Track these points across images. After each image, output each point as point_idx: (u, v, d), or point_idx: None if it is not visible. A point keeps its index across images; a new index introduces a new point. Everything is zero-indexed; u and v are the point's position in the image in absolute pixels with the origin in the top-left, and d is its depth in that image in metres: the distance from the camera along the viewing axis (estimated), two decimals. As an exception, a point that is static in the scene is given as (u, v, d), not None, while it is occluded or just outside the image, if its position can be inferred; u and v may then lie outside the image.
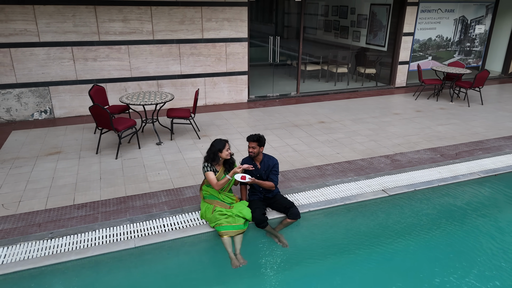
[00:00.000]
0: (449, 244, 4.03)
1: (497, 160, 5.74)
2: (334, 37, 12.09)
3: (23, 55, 7.10)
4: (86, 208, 4.46)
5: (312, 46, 12.63)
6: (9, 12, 6.79)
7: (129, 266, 3.67)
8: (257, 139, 4.12)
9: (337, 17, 11.88)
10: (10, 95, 7.25)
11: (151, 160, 5.75)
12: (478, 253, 3.89)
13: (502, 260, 3.77)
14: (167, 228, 4.09)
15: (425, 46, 10.42)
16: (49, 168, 5.45)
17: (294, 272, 3.68)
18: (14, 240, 3.83)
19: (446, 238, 4.15)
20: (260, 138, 4.15)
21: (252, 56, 8.99)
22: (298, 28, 9.23)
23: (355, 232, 4.22)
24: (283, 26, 12.26)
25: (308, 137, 6.78)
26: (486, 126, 7.39)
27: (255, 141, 4.12)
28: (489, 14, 10.83)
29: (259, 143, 4.14)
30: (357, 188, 4.92)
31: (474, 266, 3.68)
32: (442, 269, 3.64)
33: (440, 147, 6.34)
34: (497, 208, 4.79)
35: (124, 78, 7.86)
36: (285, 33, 11.97)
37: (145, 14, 7.59)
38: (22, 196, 4.72)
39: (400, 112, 8.24)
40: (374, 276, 3.60)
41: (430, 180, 5.10)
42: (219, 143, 4.02)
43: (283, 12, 12.32)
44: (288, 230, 4.18)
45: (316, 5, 12.55)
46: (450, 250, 3.94)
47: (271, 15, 12.47)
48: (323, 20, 12.47)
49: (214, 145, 4.04)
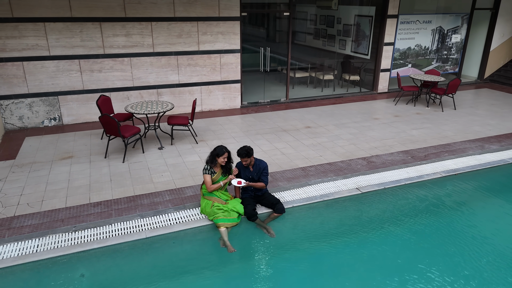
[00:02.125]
0: (410, 232, 4.81)
1: (459, 161, 6.54)
2: (322, 44, 12.86)
3: (34, 67, 7.78)
4: (101, 206, 5.17)
5: (301, 53, 13.39)
6: (22, 29, 7.46)
7: (141, 253, 4.39)
8: (246, 153, 4.83)
9: (325, 26, 12.65)
10: (23, 104, 7.92)
11: (155, 163, 6.47)
12: (434, 239, 4.67)
13: (452, 245, 4.55)
14: (172, 221, 4.82)
15: (405, 54, 11.23)
16: (64, 171, 6.15)
17: (280, 257, 4.43)
18: (43, 233, 4.53)
19: (408, 228, 4.92)
20: (248, 152, 4.86)
21: (245, 63, 9.70)
22: (287, 38, 9.97)
23: (332, 224, 4.99)
24: (273, 36, 12.97)
25: (295, 141, 7.53)
26: (455, 130, 8.20)
27: (244, 155, 4.84)
28: (465, 24, 11.67)
29: (248, 156, 4.86)
30: (335, 186, 5.68)
31: (432, 251, 4.46)
32: (404, 253, 4.41)
33: (411, 150, 7.13)
34: (453, 201, 5.58)
35: (126, 88, 8.56)
36: (275, 43, 12.68)
37: (146, 29, 8.30)
38: (44, 196, 5.42)
39: (380, 117, 9.03)
40: (347, 259, 4.37)
41: (398, 179, 5.89)
42: (220, 150, 4.77)
43: (274, 24, 13.04)
44: (275, 223, 4.93)
45: (305, 13, 13.31)
46: (411, 237, 4.71)
47: (262, 27, 13.18)
48: (312, 29, 13.23)
49: (215, 150, 4.79)
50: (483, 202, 5.65)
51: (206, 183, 4.75)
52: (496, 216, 5.30)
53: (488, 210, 5.47)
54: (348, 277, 4.10)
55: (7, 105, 7.81)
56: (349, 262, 4.34)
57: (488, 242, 4.61)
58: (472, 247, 4.53)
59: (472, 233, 4.82)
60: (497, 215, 5.32)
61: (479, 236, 4.74)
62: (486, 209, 5.50)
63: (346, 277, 4.09)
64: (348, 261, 4.34)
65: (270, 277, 4.12)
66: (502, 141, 7.51)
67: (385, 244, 4.61)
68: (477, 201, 5.70)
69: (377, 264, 4.26)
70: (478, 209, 5.47)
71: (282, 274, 4.16)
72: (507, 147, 7.18)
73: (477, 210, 5.44)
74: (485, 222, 5.11)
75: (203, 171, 4.82)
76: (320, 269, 4.22)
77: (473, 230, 4.89)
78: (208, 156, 4.88)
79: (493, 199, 5.75)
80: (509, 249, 4.49)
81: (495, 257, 4.35)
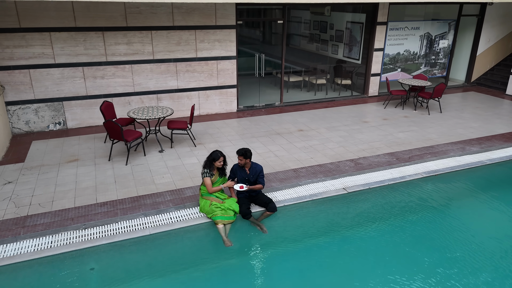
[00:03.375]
0: (391, 227, 5.27)
1: (440, 162, 7.01)
2: (316, 49, 13.33)
3: (40, 75, 8.19)
4: (107, 206, 5.60)
5: (295, 56, 13.86)
6: (29, 38, 7.87)
7: (145, 248, 4.83)
8: (243, 153, 5.31)
9: (318, 31, 13.11)
10: (29, 109, 8.32)
11: (156, 166, 6.90)
12: (413, 233, 5.13)
13: (428, 238, 5.02)
14: (173, 220, 5.26)
15: (395, 59, 11.71)
16: (71, 174, 6.58)
17: (272, 251, 4.88)
18: (56, 230, 4.96)
19: (389, 224, 5.38)
20: (246, 152, 5.34)
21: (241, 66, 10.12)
22: (281, 44, 10.41)
23: (319, 221, 5.44)
24: (269, 38, 13.40)
25: (288, 144, 7.98)
26: (439, 132, 8.67)
27: (241, 154, 5.31)
28: (452, 30, 12.16)
29: (245, 156, 5.32)
30: (323, 187, 6.14)
31: (411, 243, 4.93)
32: (386, 247, 4.87)
33: (397, 152, 7.60)
34: (430, 200, 6.04)
35: (128, 93, 8.99)
36: (271, 45, 13.09)
37: (146, 37, 8.72)
38: (54, 196, 5.84)
39: (369, 120, 9.49)
40: (334, 253, 4.82)
41: (382, 180, 6.35)
42: (216, 155, 5.22)
43: (269, 26, 13.48)
44: (268, 220, 5.38)
45: (299, 18, 13.77)
46: (392, 231, 5.17)
47: (258, 29, 13.62)
48: (306, 33, 13.69)
49: (211, 155, 5.23)
50: (458, 201, 6.14)
51: (207, 186, 5.20)
52: (467, 213, 5.79)
53: (461, 207, 5.95)
54: (334, 269, 4.55)
55: (14, 110, 8.21)
56: (335, 255, 4.79)
57: (460, 235, 5.08)
58: (445, 239, 4.99)
59: (445, 228, 5.28)
60: (468, 212, 5.80)
61: (453, 230, 5.21)
62: (460, 207, 5.97)
63: (332, 269, 4.55)
64: (333, 255, 4.80)
65: (263, 269, 4.57)
66: (482, 143, 7.99)
67: (368, 239, 5.06)
68: (452, 199, 6.18)
69: (361, 257, 4.72)
70: (452, 207, 5.95)
71: (274, 267, 4.61)
72: (486, 149, 7.66)
73: (452, 208, 5.92)
74: (459, 218, 5.58)
75: (202, 174, 5.27)
76: (308, 262, 4.66)
77: (446, 224, 5.36)
78: (204, 161, 5.32)
79: (467, 198, 6.24)
80: (475, 240, 4.97)
81: (465, 246, 4.82)
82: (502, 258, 4.70)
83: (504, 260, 4.67)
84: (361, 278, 4.36)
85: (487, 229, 5.35)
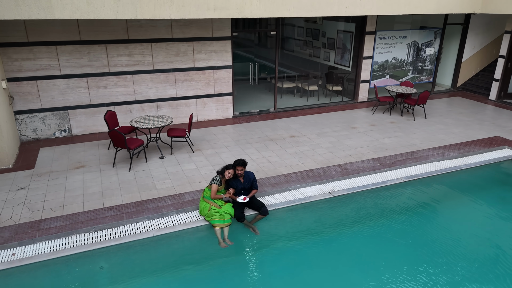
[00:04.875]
0: (372, 228, 5.84)
1: (420, 167, 7.59)
2: (309, 55, 13.88)
3: (47, 85, 8.69)
4: (114, 210, 6.13)
5: (289, 62, 14.41)
6: (37, 51, 8.37)
7: (149, 249, 5.37)
8: (243, 164, 5.87)
9: (311, 38, 13.66)
10: (36, 118, 8.83)
11: (157, 172, 7.43)
12: (392, 232, 5.70)
13: (404, 236, 5.59)
14: (174, 223, 5.80)
15: (383, 66, 12.28)
16: (79, 180, 7.10)
17: (264, 250, 5.43)
18: (68, 233, 5.49)
19: (370, 225, 5.95)
20: (245, 162, 5.90)
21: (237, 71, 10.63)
22: (275, 52, 10.93)
23: (307, 223, 6.00)
24: (265, 41, 13.89)
25: (280, 149, 8.53)
26: (422, 138, 9.25)
27: (242, 165, 5.87)
28: (437, 38, 12.74)
29: (244, 166, 5.89)
30: (311, 191, 6.70)
31: (390, 242, 5.49)
32: (366, 246, 5.44)
33: (381, 157, 8.16)
34: (408, 202, 6.61)
35: (129, 102, 9.51)
36: (266, 48, 13.54)
37: (146, 49, 9.24)
38: (64, 201, 6.37)
39: (357, 126, 10.05)
40: (321, 252, 5.38)
41: (365, 184, 6.92)
42: (229, 165, 5.92)
43: (265, 34, 14.01)
44: (260, 223, 5.93)
45: (293, 26, 14.31)
46: (372, 232, 5.74)
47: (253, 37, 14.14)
48: (300, 40, 14.23)
49: (226, 165, 5.94)
50: (431, 203, 6.72)
51: (212, 191, 5.79)
52: (439, 214, 6.37)
53: (434, 209, 6.53)
54: (320, 266, 5.10)
55: (22, 119, 8.72)
56: (321, 254, 5.35)
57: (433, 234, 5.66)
58: (420, 238, 5.57)
59: (419, 227, 5.86)
60: (440, 214, 6.39)
61: (426, 229, 5.79)
62: (433, 209, 6.56)
63: (319, 266, 5.10)
64: (320, 253, 5.35)
65: (256, 267, 5.13)
66: (461, 149, 8.57)
67: (351, 238, 5.63)
68: (427, 202, 6.75)
69: (345, 255, 5.29)
70: (426, 209, 6.52)
71: (265, 265, 5.17)
72: (464, 154, 8.24)
73: (426, 209, 6.49)
74: (431, 219, 6.17)
75: (212, 180, 5.87)
76: (297, 260, 5.21)
77: (420, 224, 5.94)
78: (221, 168, 6.03)
79: (440, 201, 6.84)
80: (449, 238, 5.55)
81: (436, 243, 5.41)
82: (464, 253, 5.29)
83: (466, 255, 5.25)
84: (345, 274, 4.93)
85: (456, 228, 5.93)
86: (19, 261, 4.98)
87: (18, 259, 5.00)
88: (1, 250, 5.13)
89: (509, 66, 11.98)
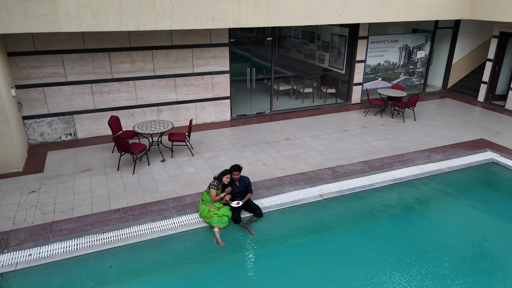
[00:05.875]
0: (359, 228, 6.35)
1: (405, 170, 8.08)
2: (304, 57, 14.31)
3: (53, 92, 9.13)
4: (120, 212, 6.63)
5: (286, 61, 14.84)
6: (43, 60, 8.80)
7: (153, 249, 5.87)
8: (239, 169, 6.35)
9: (307, 41, 14.07)
10: (43, 122, 9.28)
11: (159, 175, 7.91)
12: (376, 232, 6.22)
13: (388, 236, 6.10)
14: (176, 224, 6.30)
15: (376, 69, 12.73)
16: (86, 183, 7.58)
17: (258, 249, 5.93)
18: (79, 234, 5.99)
19: (358, 225, 6.46)
20: (240, 168, 6.39)
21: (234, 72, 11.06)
22: (271, 58, 11.36)
23: (299, 224, 6.51)
24: (261, 44, 14.26)
25: (275, 152, 9.01)
26: (410, 141, 9.73)
27: (238, 170, 6.35)
28: (428, 42, 13.18)
29: (240, 171, 6.37)
30: (303, 193, 7.19)
31: (375, 240, 6.01)
32: (353, 244, 5.96)
33: (370, 160, 8.65)
34: (395, 204, 7.12)
35: (131, 106, 9.96)
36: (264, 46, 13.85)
37: (147, 56, 9.67)
38: (73, 204, 6.85)
39: (349, 129, 10.53)
40: (311, 250, 5.88)
41: (354, 187, 7.41)
42: (225, 171, 6.36)
43: (263, 38, 14.41)
44: (255, 224, 6.44)
45: (289, 28, 14.70)
46: (359, 231, 6.26)
47: (250, 41, 14.55)
48: (296, 42, 14.64)
49: (223, 171, 6.38)
50: (416, 205, 7.23)
51: (212, 196, 6.27)
52: (421, 216, 6.89)
53: (417, 211, 7.05)
54: (310, 263, 5.60)
55: (30, 123, 9.17)
56: (312, 252, 5.86)
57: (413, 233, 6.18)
58: (402, 237, 6.09)
59: (401, 228, 6.38)
60: (422, 216, 6.90)
61: (408, 230, 6.31)
62: (415, 210, 7.07)
63: (310, 264, 5.60)
64: (311, 252, 5.86)
65: (251, 264, 5.64)
66: (446, 151, 9.07)
67: (339, 238, 6.14)
68: (412, 204, 7.26)
69: (333, 253, 5.80)
70: (410, 210, 7.04)
71: (260, 262, 5.68)
72: (448, 157, 8.74)
73: (409, 211, 7.01)
74: (414, 220, 6.68)
75: (209, 186, 6.35)
76: (289, 258, 5.72)
77: (402, 225, 6.46)
78: (218, 174, 6.49)
79: (424, 203, 7.35)
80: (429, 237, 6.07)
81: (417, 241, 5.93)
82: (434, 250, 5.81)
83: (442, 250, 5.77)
84: (334, 270, 5.44)
85: (434, 229, 6.44)
86: (35, 261, 5.47)
87: (35, 259, 5.50)
88: (19, 251, 5.62)
89: (496, 69, 12.44)
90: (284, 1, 9.08)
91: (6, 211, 6.59)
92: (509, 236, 6.32)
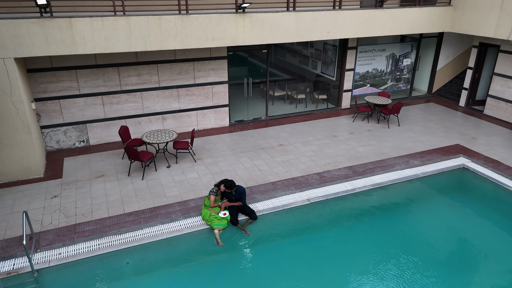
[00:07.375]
0: (343, 228, 7.37)
1: (384, 176, 9.07)
2: (298, 63, 15.21)
3: (68, 103, 10.06)
4: (133, 215, 7.62)
5: (281, 66, 15.72)
6: (59, 75, 9.72)
7: (164, 248, 6.88)
8: (232, 188, 7.29)
9: (300, 47, 14.95)
10: (59, 131, 10.23)
11: (165, 180, 8.89)
12: (358, 232, 7.24)
13: (368, 235, 7.13)
14: (182, 226, 7.30)
15: (364, 76, 13.65)
16: (101, 188, 8.56)
17: (253, 248, 6.95)
18: (99, 235, 6.99)
19: (340, 226, 7.48)
20: (232, 186, 7.29)
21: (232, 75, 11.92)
22: (266, 66, 12.27)
23: (288, 225, 7.52)
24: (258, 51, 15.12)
25: (270, 158, 9.99)
26: (393, 146, 10.71)
27: (233, 187, 7.31)
28: (414, 50, 14.08)
29: (232, 188, 7.32)
30: (293, 198, 8.19)
31: (358, 239, 7.04)
32: (337, 244, 6.98)
33: (355, 165, 9.63)
34: (373, 206, 8.14)
35: (138, 115, 10.90)
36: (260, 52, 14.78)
37: (153, 69, 10.59)
38: (92, 208, 7.84)
39: (338, 135, 11.49)
40: (300, 249, 6.89)
41: (338, 192, 8.41)
42: (221, 181, 7.35)
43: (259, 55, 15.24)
44: (251, 226, 7.44)
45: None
46: (342, 232, 7.28)
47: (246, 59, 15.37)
48: (290, 48, 15.51)
49: (221, 181, 7.37)
50: (392, 208, 8.25)
51: (211, 201, 7.28)
52: (395, 217, 7.92)
53: (392, 213, 8.08)
54: (300, 261, 6.61)
55: (47, 132, 10.12)
56: (301, 251, 6.87)
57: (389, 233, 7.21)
58: (379, 236, 7.12)
59: (377, 227, 7.40)
60: (396, 217, 7.93)
61: (385, 230, 7.34)
62: (391, 212, 8.10)
63: (299, 261, 6.61)
64: (299, 250, 6.88)
65: (247, 261, 6.66)
66: (424, 157, 10.05)
67: (324, 237, 7.17)
68: (385, 206, 8.28)
69: (319, 251, 6.82)
70: (386, 212, 8.06)
71: (254, 259, 6.71)
72: (424, 162, 9.72)
73: (385, 213, 8.03)
74: (389, 221, 7.71)
75: (210, 192, 7.34)
76: (280, 256, 6.74)
77: (380, 225, 7.48)
78: (217, 182, 7.47)
79: (398, 206, 8.36)
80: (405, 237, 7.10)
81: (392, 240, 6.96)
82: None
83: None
84: (319, 266, 6.46)
85: (405, 228, 7.47)
86: (65, 258, 6.48)
87: (64, 257, 6.51)
88: (50, 250, 6.63)
89: (476, 76, 13.37)
90: (277, 20, 9.98)
91: (34, 215, 7.58)
92: (473, 233, 7.35)
